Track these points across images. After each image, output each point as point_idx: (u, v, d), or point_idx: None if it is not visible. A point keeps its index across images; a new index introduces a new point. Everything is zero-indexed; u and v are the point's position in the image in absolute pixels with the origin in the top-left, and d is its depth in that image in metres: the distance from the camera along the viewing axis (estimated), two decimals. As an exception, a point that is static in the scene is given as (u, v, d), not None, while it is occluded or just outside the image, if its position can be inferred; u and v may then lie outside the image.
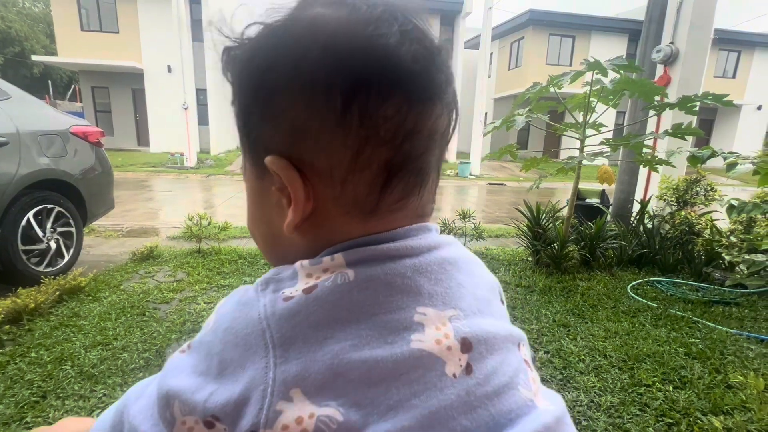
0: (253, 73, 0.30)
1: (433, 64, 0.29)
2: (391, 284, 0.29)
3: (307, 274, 0.30)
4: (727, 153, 2.28)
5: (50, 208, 2.72)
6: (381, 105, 0.28)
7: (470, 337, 0.30)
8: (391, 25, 0.28)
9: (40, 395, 1.54)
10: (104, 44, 13.44)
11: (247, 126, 0.32)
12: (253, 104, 0.31)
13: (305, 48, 0.28)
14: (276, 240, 0.34)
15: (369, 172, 0.29)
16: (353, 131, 0.28)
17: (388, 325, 0.28)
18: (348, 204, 0.30)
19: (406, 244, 0.31)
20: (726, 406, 1.58)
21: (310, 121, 0.28)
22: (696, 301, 2.63)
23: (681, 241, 3.35)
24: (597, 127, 2.89)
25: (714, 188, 3.61)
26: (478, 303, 0.33)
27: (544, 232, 3.26)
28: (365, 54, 0.27)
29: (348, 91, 0.27)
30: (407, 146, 0.29)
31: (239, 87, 0.31)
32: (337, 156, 0.29)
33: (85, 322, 2.11)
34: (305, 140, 0.29)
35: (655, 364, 1.87)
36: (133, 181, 8.68)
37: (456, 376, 0.28)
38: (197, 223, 3.37)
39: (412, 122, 0.29)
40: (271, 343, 0.27)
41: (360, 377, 0.27)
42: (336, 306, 0.28)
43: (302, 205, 0.30)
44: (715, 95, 2.50)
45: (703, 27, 3.66)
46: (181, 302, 2.41)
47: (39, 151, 2.63)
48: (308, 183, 0.29)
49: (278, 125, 0.29)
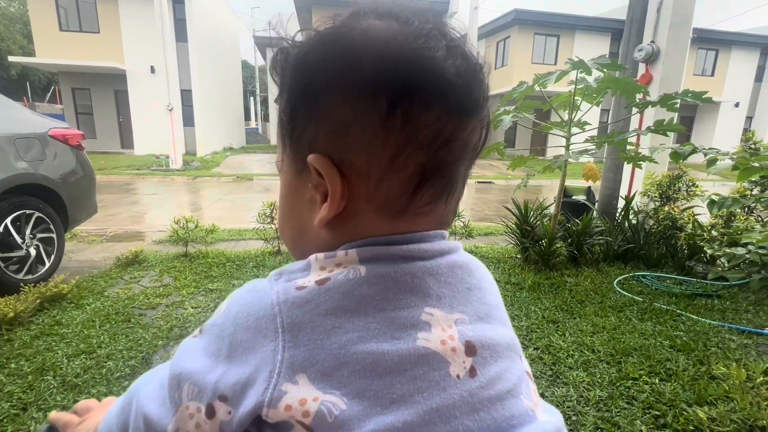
0: (304, 74, 0.31)
1: (473, 80, 0.32)
2: (400, 282, 0.31)
3: (321, 267, 0.31)
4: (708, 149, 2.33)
5: (29, 213, 2.64)
6: (423, 112, 0.30)
7: (475, 342, 0.31)
8: (439, 41, 0.30)
9: (20, 407, 1.49)
10: (84, 44, 13.11)
11: (292, 123, 0.33)
12: (300, 103, 0.32)
13: (358, 54, 0.30)
14: (303, 234, 0.35)
15: (404, 174, 0.31)
16: (394, 134, 0.30)
17: (396, 321, 0.29)
18: (379, 202, 0.32)
19: (420, 247, 0.32)
20: (710, 397, 1.62)
21: (355, 122, 0.30)
22: (680, 295, 2.69)
23: (664, 236, 3.43)
24: (582, 125, 2.93)
25: (695, 184, 3.70)
26: (485, 309, 0.34)
27: (532, 229, 3.30)
28: (413, 64, 0.29)
29: (394, 96, 0.29)
30: (442, 153, 0.31)
31: (289, 86, 0.33)
32: (376, 155, 0.30)
33: (68, 330, 2.05)
34: (348, 139, 0.30)
35: (642, 358, 1.91)
36: (117, 185, 8.49)
37: (460, 377, 0.30)
38: (184, 227, 3.32)
39: (449, 131, 0.31)
40: (281, 327, 0.29)
41: (365, 368, 0.28)
42: (346, 297, 0.29)
43: (338, 202, 0.31)
44: (695, 93, 2.56)
45: (682, 26, 3.74)
46: (167, 307, 2.36)
47: (16, 155, 2.55)
48: (345, 181, 0.31)
49: (324, 124, 0.31)
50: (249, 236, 3.97)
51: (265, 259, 3.26)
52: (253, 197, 7.34)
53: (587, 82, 2.79)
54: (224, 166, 11.87)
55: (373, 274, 0.30)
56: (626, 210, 3.70)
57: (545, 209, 3.52)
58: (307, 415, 0.27)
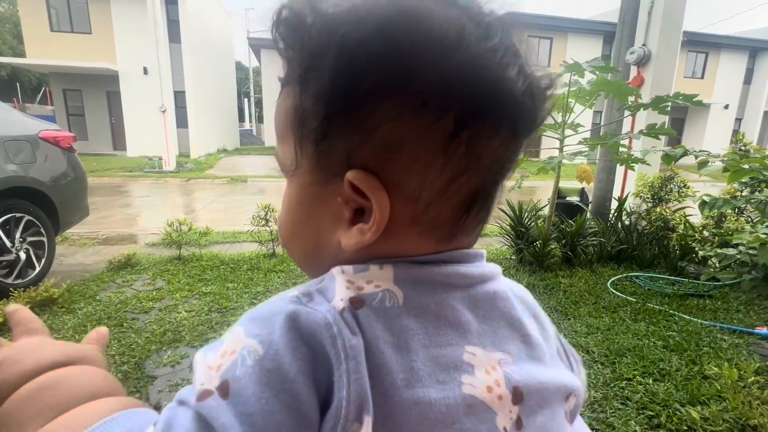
0: (352, 70, 0.25)
1: (541, 102, 0.28)
2: (440, 316, 0.27)
3: (348, 281, 0.27)
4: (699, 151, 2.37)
5: (19, 216, 2.60)
6: (491, 137, 0.27)
7: (522, 387, 0.28)
8: (516, 58, 0.27)
9: (10, 415, 1.47)
10: (76, 45, 12.97)
11: (325, 127, 0.26)
12: (342, 105, 0.26)
13: (430, 62, 0.24)
14: (319, 250, 0.30)
15: (457, 198, 0.28)
16: (456, 159, 0.26)
17: (440, 361, 0.26)
18: (425, 226, 0.28)
19: (459, 270, 0.29)
20: (702, 397, 1.63)
21: (413, 140, 0.25)
22: (672, 295, 2.72)
23: (657, 237, 3.46)
24: (575, 128, 2.96)
25: (687, 185, 3.74)
26: (527, 347, 0.31)
27: (526, 230, 3.31)
28: (491, 83, 0.26)
29: (465, 116, 0.25)
30: (498, 177, 0.29)
31: (326, 78, 0.25)
32: (431, 179, 0.26)
33: (59, 335, 2.02)
34: (401, 159, 0.26)
35: (636, 358, 1.92)
36: (109, 187, 8.40)
37: (507, 430, 0.27)
38: (177, 229, 3.29)
39: (508, 155, 0.28)
40: (343, 352, 0.23)
41: (410, 420, 0.24)
42: (387, 329, 0.25)
43: (382, 228, 0.27)
44: (685, 95, 2.59)
45: (672, 29, 3.79)
46: (161, 311, 2.34)
47: (5, 158, 2.52)
48: (391, 203, 0.27)
49: (372, 137, 0.26)
50: (243, 239, 3.94)
51: (259, 261, 3.24)
52: (247, 199, 7.30)
53: (580, 85, 2.82)
54: (218, 167, 11.80)
55: (413, 304, 0.26)
56: (619, 211, 3.73)
57: (539, 210, 3.54)
58: None
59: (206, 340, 2.02)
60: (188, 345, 1.99)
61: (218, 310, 2.36)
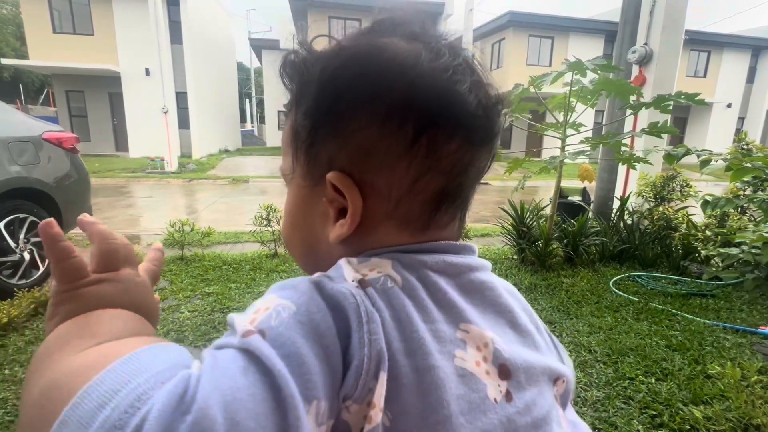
0: (330, 92, 0.31)
1: (493, 113, 0.33)
2: (435, 297, 0.30)
3: (354, 269, 0.30)
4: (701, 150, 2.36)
5: (23, 217, 2.62)
6: (447, 142, 0.31)
7: (509, 365, 0.31)
8: (466, 75, 0.31)
9: (14, 414, 1.47)
10: (78, 47, 13.01)
11: (311, 138, 0.32)
12: (323, 120, 0.31)
13: (389, 80, 0.30)
14: (314, 247, 0.35)
15: (423, 196, 0.32)
16: (418, 160, 0.31)
17: (437, 335, 0.29)
18: (400, 219, 0.32)
19: (447, 259, 0.32)
20: (705, 396, 1.63)
21: (380, 145, 0.30)
22: (675, 294, 2.72)
23: (659, 236, 3.46)
24: (576, 127, 2.95)
25: (689, 184, 3.73)
26: (516, 333, 0.34)
27: (528, 230, 3.31)
28: (442, 96, 0.30)
29: (421, 124, 0.30)
30: (461, 179, 0.33)
31: (310, 99, 0.32)
32: (398, 178, 0.31)
33: (63, 335, 2.03)
34: (371, 161, 0.31)
35: (638, 357, 1.92)
36: (111, 187, 8.43)
37: (497, 401, 0.29)
38: (179, 230, 3.30)
39: (467, 160, 0.32)
40: (365, 316, 0.26)
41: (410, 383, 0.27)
42: (390, 306, 0.28)
43: (357, 221, 0.31)
44: (688, 94, 2.58)
45: (674, 28, 3.78)
46: (164, 311, 2.35)
47: (9, 159, 2.53)
48: (365, 199, 0.31)
49: (347, 143, 0.31)
50: (245, 239, 3.95)
51: (261, 261, 3.24)
52: (249, 199, 7.31)
53: (582, 84, 2.81)
54: (220, 168, 11.82)
55: (409, 286, 0.30)
56: (621, 210, 3.72)
57: (541, 210, 3.54)
58: (370, 421, 0.25)
59: (209, 340, 2.03)
60: (191, 345, 2.00)
61: (221, 310, 2.37)
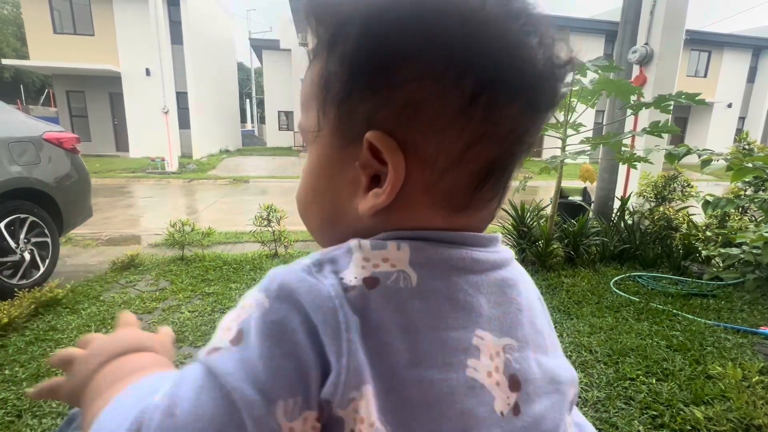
0: (376, 33, 0.26)
1: (560, 75, 0.28)
2: (452, 299, 0.28)
3: (364, 258, 0.27)
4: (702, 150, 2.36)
5: (23, 217, 2.62)
6: (508, 104, 0.27)
7: (519, 376, 0.29)
8: (537, 26, 0.27)
9: (15, 415, 1.47)
10: (79, 47, 13.03)
11: (347, 89, 0.27)
12: (365, 67, 0.27)
13: (447, 25, 0.25)
14: (336, 217, 0.31)
15: (473, 167, 0.28)
16: (474, 123, 0.26)
17: (448, 344, 0.27)
18: (439, 195, 0.28)
19: (473, 255, 0.29)
20: (706, 397, 1.63)
21: (431, 102, 0.26)
22: (675, 295, 2.71)
23: (660, 236, 3.45)
24: (577, 127, 2.95)
25: (690, 184, 3.72)
26: (534, 334, 0.32)
27: (528, 230, 3.31)
28: (510, 49, 0.26)
29: (483, 81, 0.26)
30: (515, 148, 0.29)
31: (352, 41, 0.27)
32: (448, 144, 0.27)
33: (63, 335, 2.03)
34: (419, 120, 0.26)
35: (639, 358, 1.92)
36: (112, 188, 8.43)
37: (503, 414, 0.28)
38: (180, 230, 3.30)
39: (525, 127, 0.28)
40: (344, 324, 0.24)
41: (413, 396, 0.25)
42: (398, 311, 0.26)
43: (396, 191, 0.27)
44: (688, 94, 2.58)
45: (675, 28, 3.78)
46: (164, 312, 2.35)
47: (10, 159, 2.53)
48: (407, 167, 0.27)
49: (392, 98, 0.26)
50: (246, 239, 3.95)
51: (262, 262, 3.24)
52: (249, 200, 7.32)
53: (583, 84, 2.81)
54: (220, 168, 11.83)
55: (426, 286, 0.27)
56: (622, 210, 3.72)
57: (542, 210, 3.54)
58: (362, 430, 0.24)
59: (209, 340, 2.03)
60: (191, 345, 2.00)
61: (221, 311, 2.37)
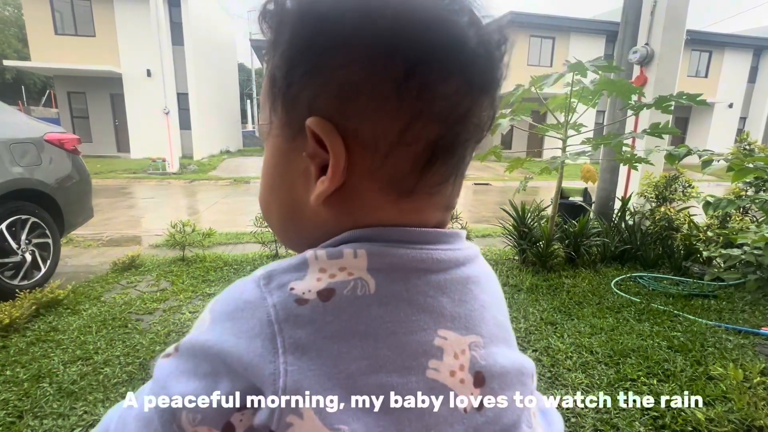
0: (308, 24, 0.27)
1: (497, 53, 0.29)
2: (413, 302, 0.28)
3: (320, 269, 0.27)
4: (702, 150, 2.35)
5: (24, 218, 2.63)
6: (442, 81, 0.27)
7: (485, 372, 0.30)
8: (465, 4, 0.27)
9: (16, 415, 1.48)
10: (80, 48, 13.05)
11: (288, 80, 0.28)
12: (301, 57, 0.27)
13: (375, 8, 0.26)
14: (295, 212, 0.31)
15: (415, 148, 0.28)
16: (409, 102, 0.26)
17: (408, 347, 0.27)
18: (384, 180, 0.28)
19: (433, 255, 0.29)
20: (708, 397, 1.62)
21: (365, 84, 0.26)
22: (677, 295, 2.71)
23: (661, 237, 3.45)
24: (577, 128, 2.95)
25: (691, 185, 3.72)
26: (498, 329, 0.33)
27: (529, 231, 3.31)
28: (436, 27, 0.26)
29: (412, 59, 0.26)
30: (458, 129, 0.28)
31: (287, 37, 0.28)
32: (386, 125, 0.27)
33: (64, 336, 2.03)
34: (355, 104, 0.27)
35: (640, 359, 1.92)
36: (113, 188, 8.45)
37: (467, 411, 0.28)
38: (181, 230, 3.30)
39: (466, 106, 0.28)
40: (282, 348, 0.25)
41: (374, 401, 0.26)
42: (354, 319, 0.26)
43: (340, 175, 0.27)
44: (689, 95, 2.58)
45: (676, 28, 3.78)
46: (165, 312, 2.35)
47: (11, 160, 2.54)
48: (348, 151, 0.27)
49: (328, 84, 0.27)
50: (246, 239, 3.95)
51: (263, 262, 3.25)
52: (250, 200, 7.32)
53: (583, 84, 2.81)
54: (221, 169, 11.84)
55: (384, 292, 0.27)
56: (623, 211, 3.72)
57: (542, 211, 3.53)
58: None
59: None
60: (192, 346, 2.00)
61: (222, 311, 2.37)
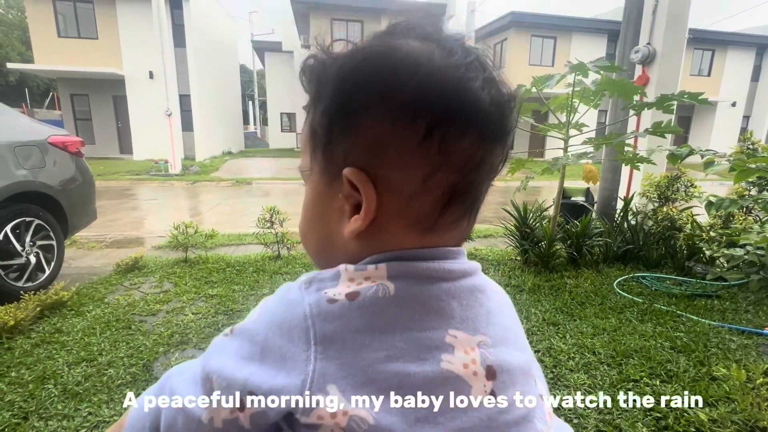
0: (345, 90, 0.32)
1: (505, 110, 0.34)
2: (426, 305, 0.32)
3: (350, 278, 0.33)
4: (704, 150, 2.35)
5: (29, 221, 2.64)
6: (459, 138, 0.32)
7: (495, 366, 0.33)
8: (478, 71, 0.32)
9: (21, 417, 1.49)
10: (83, 51, 13.11)
11: (328, 135, 0.34)
12: (339, 116, 0.33)
13: (402, 77, 0.31)
14: (329, 242, 0.37)
15: (435, 193, 0.33)
16: (430, 156, 0.31)
17: (421, 342, 0.31)
18: (409, 219, 0.33)
19: (444, 266, 0.34)
20: (711, 398, 1.62)
21: (393, 141, 0.31)
22: (679, 295, 2.70)
23: (663, 237, 3.43)
24: (579, 128, 2.95)
25: (694, 184, 3.70)
26: (505, 332, 0.36)
27: (531, 231, 3.30)
28: (453, 92, 0.31)
29: (433, 120, 0.31)
30: (472, 176, 0.33)
31: (327, 98, 0.33)
32: (410, 175, 0.32)
33: (68, 338, 2.05)
34: (384, 157, 0.32)
35: (643, 359, 1.91)
36: (116, 190, 8.48)
37: (480, 400, 0.32)
38: (183, 232, 3.31)
39: (480, 157, 0.33)
40: (314, 339, 0.30)
41: (391, 387, 0.29)
42: (375, 316, 0.31)
43: (371, 216, 0.32)
44: (691, 94, 2.57)
45: (678, 27, 3.76)
46: (168, 314, 2.36)
47: (16, 163, 2.56)
48: (378, 195, 0.32)
49: (361, 140, 0.32)
50: (249, 241, 3.97)
51: (265, 263, 3.25)
52: (252, 201, 7.34)
53: (585, 84, 2.81)
54: (223, 170, 11.87)
55: (402, 294, 0.32)
56: (625, 211, 3.70)
57: (544, 211, 3.53)
58: (339, 426, 0.29)
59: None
60: (195, 347, 2.01)
61: (224, 312, 2.38)
